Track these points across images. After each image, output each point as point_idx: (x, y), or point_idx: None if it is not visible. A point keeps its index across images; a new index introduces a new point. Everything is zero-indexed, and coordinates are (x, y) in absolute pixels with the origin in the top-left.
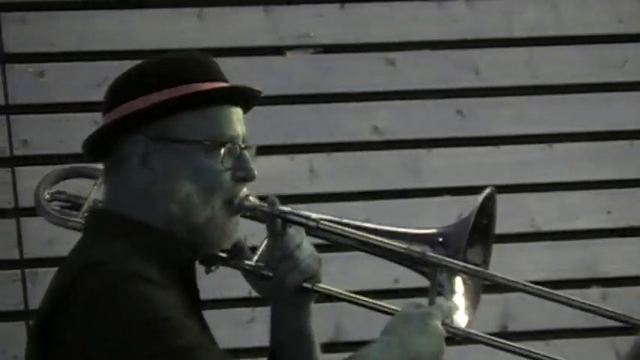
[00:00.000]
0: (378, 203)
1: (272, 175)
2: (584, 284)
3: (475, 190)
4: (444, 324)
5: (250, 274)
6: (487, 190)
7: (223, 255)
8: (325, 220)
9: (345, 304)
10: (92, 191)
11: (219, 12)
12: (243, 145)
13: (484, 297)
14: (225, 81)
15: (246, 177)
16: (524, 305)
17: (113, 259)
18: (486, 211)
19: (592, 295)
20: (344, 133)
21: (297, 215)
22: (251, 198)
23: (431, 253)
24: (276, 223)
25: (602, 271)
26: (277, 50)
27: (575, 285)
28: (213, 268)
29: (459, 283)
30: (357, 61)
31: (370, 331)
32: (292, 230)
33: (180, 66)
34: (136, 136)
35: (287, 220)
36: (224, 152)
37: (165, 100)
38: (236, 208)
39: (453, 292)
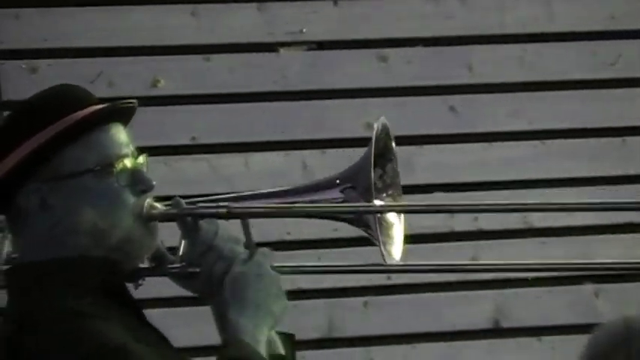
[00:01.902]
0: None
1: (265, 171)
2: (577, 280)
3: (468, 186)
4: (272, 267)
5: (178, 277)
6: (380, 121)
7: (146, 266)
8: (234, 204)
9: (339, 299)
10: (3, 246)
11: (213, 9)
12: (132, 160)
13: (477, 293)
14: (97, 103)
15: (146, 188)
16: (516, 302)
17: (49, 306)
18: (381, 141)
19: (585, 291)
20: (337, 130)
21: (205, 208)
22: (157, 205)
23: (343, 206)
24: (188, 222)
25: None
26: (271, 47)
27: (569, 281)
28: (140, 281)
29: (386, 220)
30: (351, 57)
31: (363, 326)
32: (205, 223)
33: (49, 102)
34: (28, 185)
35: (197, 216)
36: (116, 172)
37: (43, 141)
38: (146, 218)
39: (383, 233)
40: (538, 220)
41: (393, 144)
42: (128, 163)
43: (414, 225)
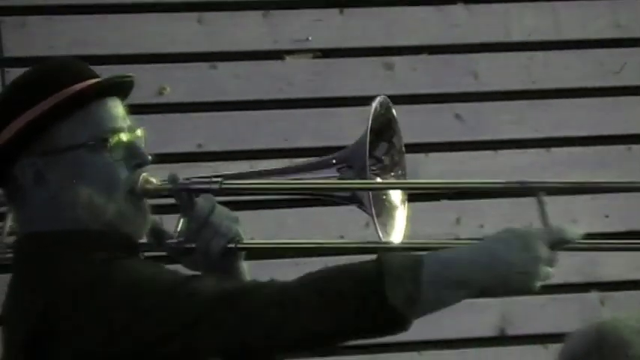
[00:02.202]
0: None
1: None
2: (583, 288)
3: (473, 195)
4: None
5: (176, 253)
6: (378, 100)
7: (144, 241)
8: (228, 180)
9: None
10: (7, 220)
11: (219, 17)
12: (128, 134)
13: (482, 300)
14: (96, 76)
15: (141, 162)
16: (522, 309)
17: (72, 268)
18: (382, 119)
19: (591, 299)
20: (343, 138)
21: (199, 183)
22: (152, 179)
23: (337, 183)
24: (183, 197)
25: (601, 275)
26: (276, 55)
27: (574, 289)
28: (140, 256)
29: (389, 201)
30: (356, 65)
31: None
32: (201, 199)
33: (45, 76)
34: (23, 159)
35: (191, 191)
36: (110, 146)
37: (37, 114)
38: (139, 194)
39: (383, 213)
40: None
41: (397, 122)
42: (124, 137)
43: (419, 232)
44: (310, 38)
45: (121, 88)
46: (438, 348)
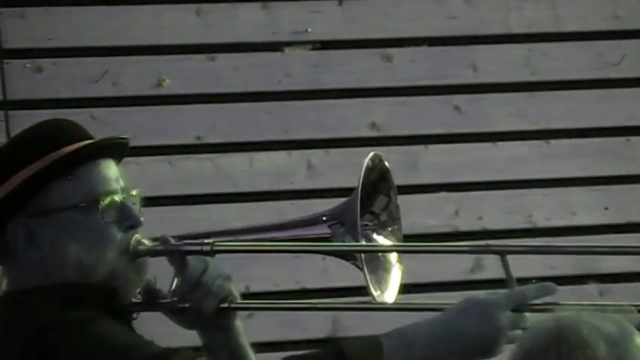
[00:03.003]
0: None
1: (270, 171)
2: (581, 280)
3: (472, 186)
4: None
5: (170, 312)
6: (369, 156)
7: (137, 301)
8: (219, 241)
9: (344, 299)
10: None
11: (218, 8)
12: (122, 195)
13: (480, 293)
14: (91, 138)
15: (133, 224)
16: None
17: (49, 321)
18: (375, 174)
19: (589, 291)
20: (341, 129)
21: (191, 245)
22: (145, 241)
23: (327, 245)
24: (176, 258)
25: (600, 268)
26: (275, 46)
27: (573, 281)
28: (134, 315)
29: (372, 259)
30: (355, 57)
31: (368, 325)
32: (193, 259)
33: (38, 137)
34: (15, 220)
35: (183, 253)
36: (102, 208)
37: (29, 176)
38: (132, 255)
39: (377, 269)
40: (542, 219)
41: (391, 174)
42: (116, 198)
43: (418, 224)
44: (309, 30)
45: (115, 149)
46: None
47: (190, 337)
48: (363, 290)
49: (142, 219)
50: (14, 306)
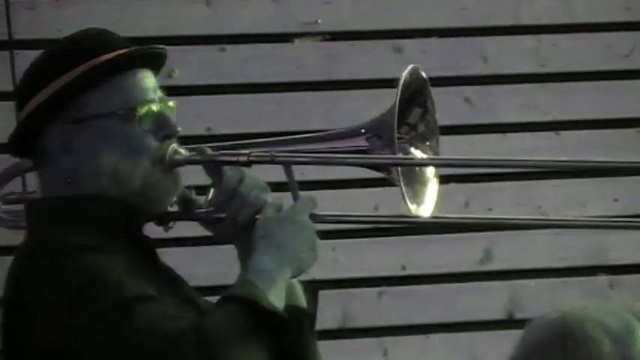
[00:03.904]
0: (386, 190)
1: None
2: (591, 271)
3: (482, 177)
4: (312, 216)
5: (205, 222)
6: (409, 68)
7: (173, 210)
8: (256, 152)
9: (354, 290)
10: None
11: None
12: (159, 105)
13: (491, 284)
14: (127, 47)
15: (170, 133)
16: (530, 293)
17: (49, 240)
18: (413, 87)
19: (599, 283)
20: (352, 121)
21: (228, 155)
22: (182, 150)
23: (360, 157)
24: (212, 169)
25: (610, 259)
26: (286, 37)
27: (583, 272)
28: (170, 224)
29: (408, 172)
30: (365, 48)
31: (378, 317)
32: (229, 169)
33: (77, 45)
34: (53, 126)
35: (219, 163)
36: (139, 116)
37: (67, 82)
38: (168, 164)
39: (413, 183)
40: (552, 211)
41: (429, 87)
42: (153, 107)
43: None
44: (319, 21)
45: (152, 58)
46: (446, 331)
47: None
48: (373, 281)
49: (179, 129)
50: (27, 218)
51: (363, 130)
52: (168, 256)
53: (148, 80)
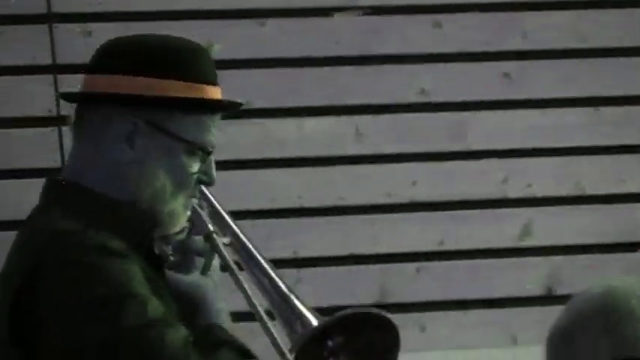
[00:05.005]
0: (422, 165)
1: (319, 136)
2: (630, 248)
3: (521, 152)
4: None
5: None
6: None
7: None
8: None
9: (392, 265)
10: None
11: None
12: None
13: (530, 259)
14: (216, 80)
15: (209, 182)
16: (569, 268)
17: (78, 230)
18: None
19: (637, 259)
20: (390, 95)
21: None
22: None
23: None
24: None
25: None
26: (325, 12)
27: (621, 249)
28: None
29: None
30: (404, 23)
31: (415, 292)
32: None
33: (186, 59)
34: (126, 109)
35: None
36: (201, 157)
37: (176, 97)
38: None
39: None
40: (591, 186)
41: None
42: (212, 157)
43: (467, 191)
44: None
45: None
46: (484, 307)
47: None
48: (411, 256)
49: (215, 181)
50: (57, 195)
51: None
52: None
53: (216, 126)
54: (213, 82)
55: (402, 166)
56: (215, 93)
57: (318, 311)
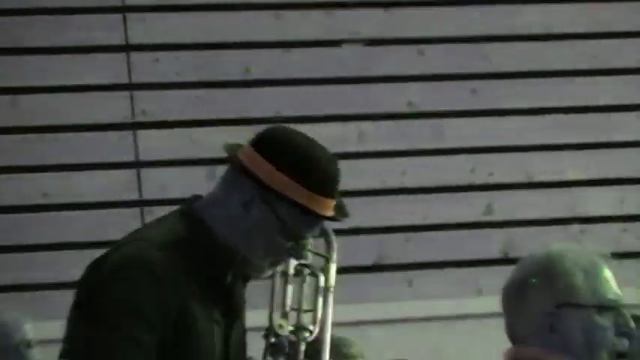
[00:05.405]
0: (410, 159)
1: (328, 138)
2: (567, 222)
3: (484, 149)
4: None
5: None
6: None
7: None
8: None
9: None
10: None
11: (292, 13)
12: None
13: (490, 231)
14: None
15: (297, 258)
16: (522, 238)
17: (149, 242)
18: None
19: (574, 231)
20: (385, 106)
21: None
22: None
23: None
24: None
25: (583, 212)
26: (336, 43)
27: (561, 222)
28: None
29: None
30: (395, 51)
31: (404, 256)
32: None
33: (319, 172)
34: (256, 188)
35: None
36: (293, 239)
37: (298, 203)
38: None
39: None
40: (538, 176)
41: None
42: (304, 239)
43: (444, 179)
44: (361, 30)
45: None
46: (458, 267)
47: None
48: (401, 228)
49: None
50: (175, 214)
51: None
52: None
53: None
54: (333, 196)
55: (393, 160)
56: (330, 206)
57: None
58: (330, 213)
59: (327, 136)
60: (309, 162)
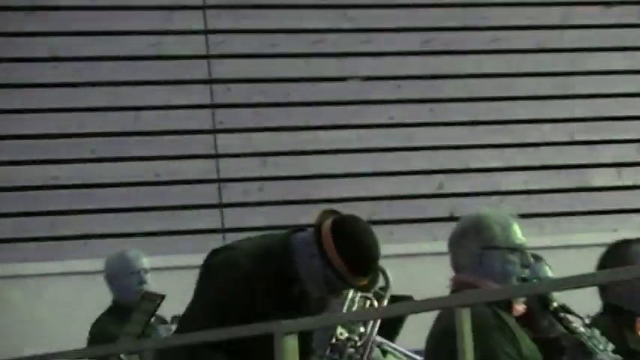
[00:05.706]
0: (392, 154)
1: (336, 140)
2: (495, 201)
3: (442, 147)
4: None
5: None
6: None
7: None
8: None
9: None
10: None
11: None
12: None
13: (441, 201)
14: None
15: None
16: (464, 205)
17: (243, 250)
18: None
19: (494, 202)
20: (375, 119)
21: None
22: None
23: None
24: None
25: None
26: (342, 79)
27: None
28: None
29: None
30: (383, 85)
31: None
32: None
33: (359, 262)
34: (317, 253)
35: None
36: (334, 291)
37: (337, 271)
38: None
39: None
40: (474, 163)
41: None
42: (350, 294)
43: (414, 166)
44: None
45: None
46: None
47: None
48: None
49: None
50: (302, 234)
51: None
52: None
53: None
54: (365, 276)
55: (384, 155)
56: (359, 282)
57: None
58: (361, 283)
59: (335, 139)
60: (360, 261)
